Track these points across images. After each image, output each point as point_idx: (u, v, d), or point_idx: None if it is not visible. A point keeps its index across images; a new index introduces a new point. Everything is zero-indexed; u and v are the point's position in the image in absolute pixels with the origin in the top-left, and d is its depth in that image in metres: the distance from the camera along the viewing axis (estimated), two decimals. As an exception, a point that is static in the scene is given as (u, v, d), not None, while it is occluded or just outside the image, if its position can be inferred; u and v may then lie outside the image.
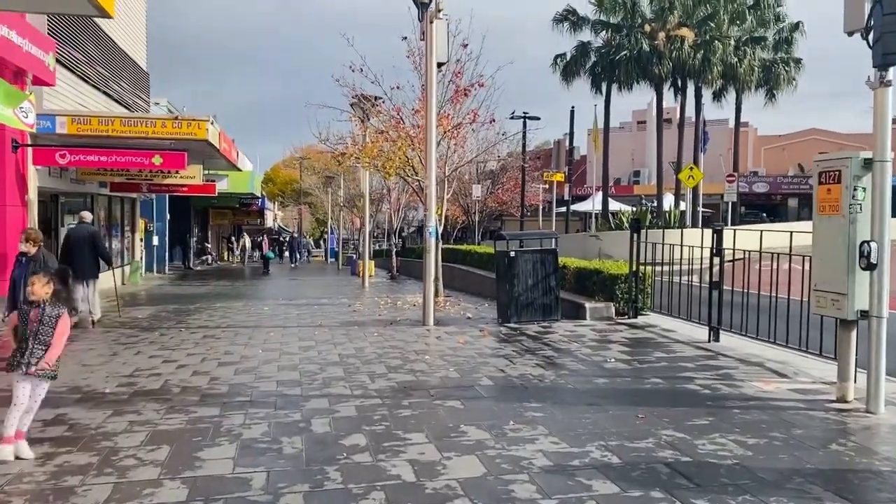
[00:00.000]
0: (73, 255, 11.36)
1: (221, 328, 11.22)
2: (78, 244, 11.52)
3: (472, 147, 16.84)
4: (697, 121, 32.80)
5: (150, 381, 7.26)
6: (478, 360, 7.99)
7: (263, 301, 15.98)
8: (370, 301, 15.63)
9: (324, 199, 43.51)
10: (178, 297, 17.27)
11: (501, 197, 38.32)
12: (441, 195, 15.80)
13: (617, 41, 30.99)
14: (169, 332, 10.92)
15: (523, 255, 10.70)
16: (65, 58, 15.14)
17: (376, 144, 15.22)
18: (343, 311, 13.37)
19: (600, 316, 10.81)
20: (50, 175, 15.29)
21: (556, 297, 10.80)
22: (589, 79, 32.88)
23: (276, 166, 75.02)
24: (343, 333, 10.23)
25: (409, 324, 11.22)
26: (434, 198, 11.04)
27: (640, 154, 51.39)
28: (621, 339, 9.16)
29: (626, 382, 6.82)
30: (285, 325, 11.37)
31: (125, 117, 14.18)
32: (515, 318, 10.65)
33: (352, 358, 8.25)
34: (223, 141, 17.50)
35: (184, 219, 34.93)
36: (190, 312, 13.65)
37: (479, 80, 14.91)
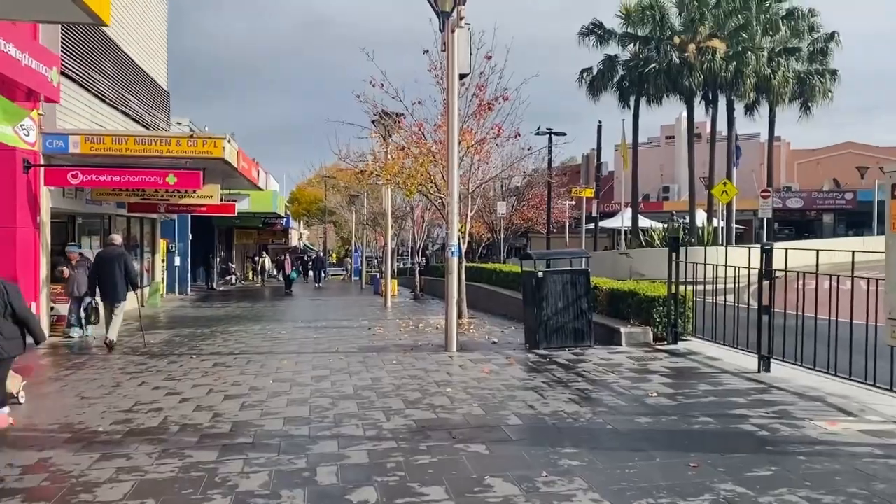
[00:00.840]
0: (103, 276, 11.52)
1: (234, 355, 10.66)
2: (108, 266, 11.54)
3: (496, 163, 16.24)
4: (730, 135, 31.84)
5: (148, 417, 6.68)
6: (504, 393, 7.30)
7: (282, 324, 15.43)
8: (391, 323, 15.00)
9: (348, 217, 43.18)
10: (196, 321, 16.80)
11: (527, 214, 37.56)
12: (464, 212, 15.18)
13: (645, 54, 30.22)
14: (179, 359, 10.38)
15: (552, 276, 10.00)
16: (80, 76, 14.86)
17: (397, 161, 14.66)
18: (362, 335, 12.75)
19: (637, 342, 10.05)
20: (64, 196, 14.94)
21: (589, 321, 10.07)
22: (616, 93, 32.09)
23: (302, 185, 75.14)
24: (360, 361, 9.60)
25: (431, 349, 10.56)
26: (456, 215, 10.41)
27: (670, 169, 50.40)
28: (662, 368, 8.40)
29: (672, 422, 6.08)
30: (300, 351, 10.77)
31: (139, 136, 13.81)
32: (544, 345, 9.94)
33: (367, 390, 7.60)
34: (242, 160, 17.09)
35: (207, 239, 34.72)
36: (204, 337, 13.13)
37: (504, 94, 14.30)
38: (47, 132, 13.27)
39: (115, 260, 11.61)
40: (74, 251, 13.07)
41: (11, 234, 12.31)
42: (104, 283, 11.56)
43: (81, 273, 12.79)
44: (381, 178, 15.15)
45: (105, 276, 11.51)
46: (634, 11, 30.46)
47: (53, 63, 11.10)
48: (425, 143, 14.47)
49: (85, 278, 12.72)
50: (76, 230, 17.15)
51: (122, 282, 11.60)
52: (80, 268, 12.87)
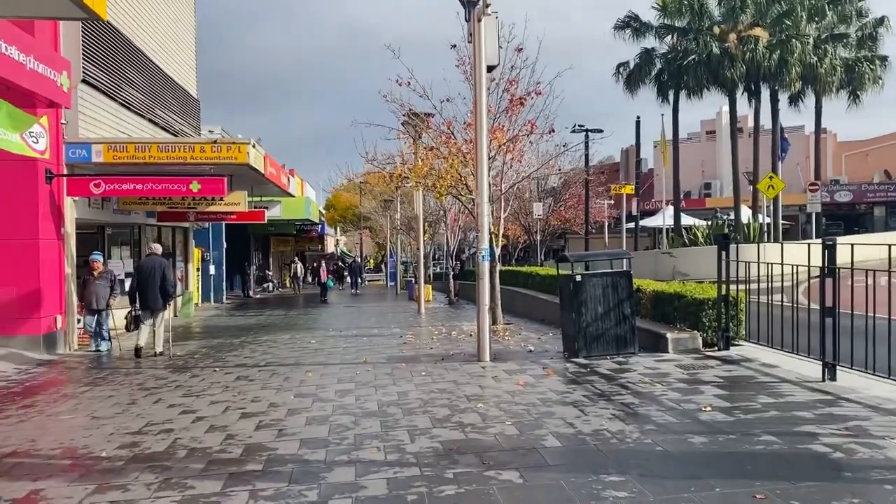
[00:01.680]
0: (143, 285, 11.68)
1: (259, 367, 10.21)
2: (149, 275, 11.69)
3: (530, 162, 15.57)
4: (774, 127, 30.57)
5: (156, 440, 6.21)
6: (541, 408, 6.66)
7: (313, 332, 14.99)
8: (423, 331, 14.44)
9: (382, 223, 42.87)
10: (226, 331, 16.47)
11: (564, 214, 36.74)
12: (497, 214, 14.57)
13: (684, 46, 29.12)
14: (202, 372, 9.96)
15: (591, 280, 9.33)
16: (103, 84, 14.66)
17: (426, 162, 14.11)
18: (392, 344, 12.21)
19: (684, 348, 9.31)
20: (90, 206, 14.76)
21: (632, 326, 9.37)
22: (654, 87, 31.03)
23: (337, 192, 75.15)
24: (387, 373, 9.05)
25: (463, 359, 9.96)
26: (487, 217, 9.81)
27: (711, 165, 48.97)
28: (714, 378, 7.67)
29: (730, 442, 5.38)
30: (327, 363, 10.27)
31: (162, 142, 13.52)
32: (584, 353, 9.26)
33: (392, 406, 7.03)
34: (269, 165, 16.74)
35: (242, 247, 34.70)
36: (232, 348, 12.74)
37: (536, 88, 13.66)
38: (70, 141, 13.08)
39: (156, 269, 11.76)
40: (98, 260, 12.68)
41: (34, 246, 12.10)
42: (145, 293, 11.68)
43: (102, 285, 12.44)
44: (409, 180, 14.62)
45: (146, 286, 11.64)
46: (671, 2, 29.44)
47: (63, 67, 10.81)
48: (455, 142, 13.89)
49: (105, 291, 12.39)
50: (105, 241, 17.00)
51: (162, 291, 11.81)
52: (102, 279, 12.50)
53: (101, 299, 12.40)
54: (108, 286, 12.46)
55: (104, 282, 12.46)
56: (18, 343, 11.94)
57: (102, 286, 12.41)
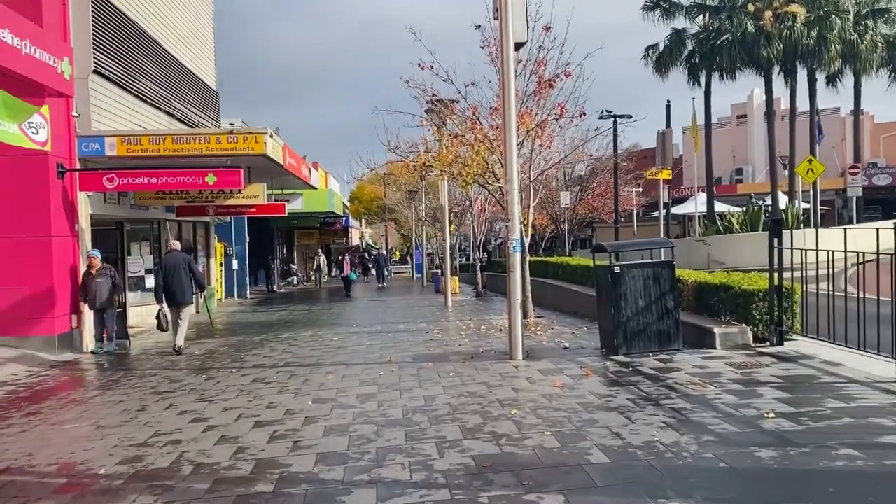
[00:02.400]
0: (170, 281, 11.67)
1: (277, 368, 9.69)
2: (174, 270, 11.70)
3: (558, 148, 14.86)
4: (812, 108, 29.34)
5: (162, 453, 5.68)
6: (583, 415, 6.02)
7: (335, 329, 14.46)
8: (451, 326, 13.84)
9: (408, 214, 42.35)
10: (247, 327, 16.03)
11: (592, 203, 35.90)
12: (526, 202, 13.89)
13: (716, 25, 28.04)
14: (219, 374, 9.47)
15: (631, 271, 8.63)
16: (117, 75, 14.22)
17: (451, 150, 13.46)
18: (419, 341, 11.63)
19: (733, 344, 8.60)
20: (106, 201, 14.36)
21: (676, 321, 8.66)
22: (685, 69, 29.97)
23: (362, 184, 74.75)
24: (413, 374, 8.46)
25: (494, 357, 9.33)
26: (517, 205, 9.15)
27: (742, 150, 47.67)
28: (772, 378, 6.96)
29: (804, 457, 4.70)
30: (349, 363, 9.71)
31: (177, 134, 13.04)
32: (624, 350, 8.59)
33: (418, 413, 6.44)
34: (289, 156, 16.22)
35: (266, 241, 34.34)
36: (252, 346, 12.26)
37: (566, 70, 12.93)
38: (82, 135, 12.66)
39: (181, 264, 11.81)
40: (96, 256, 12.04)
41: (46, 243, 11.69)
42: (172, 288, 11.67)
43: (103, 283, 11.86)
44: (433, 168, 13.99)
45: (172, 281, 11.64)
46: (703, -20, 28.32)
47: (64, 53, 10.31)
48: (481, 128, 13.23)
49: (106, 289, 11.86)
50: (125, 237, 16.64)
51: (189, 285, 11.86)
52: (101, 276, 11.89)
53: (102, 296, 11.85)
54: (109, 283, 11.93)
55: (104, 279, 11.89)
56: (32, 344, 11.57)
57: (103, 284, 11.85)
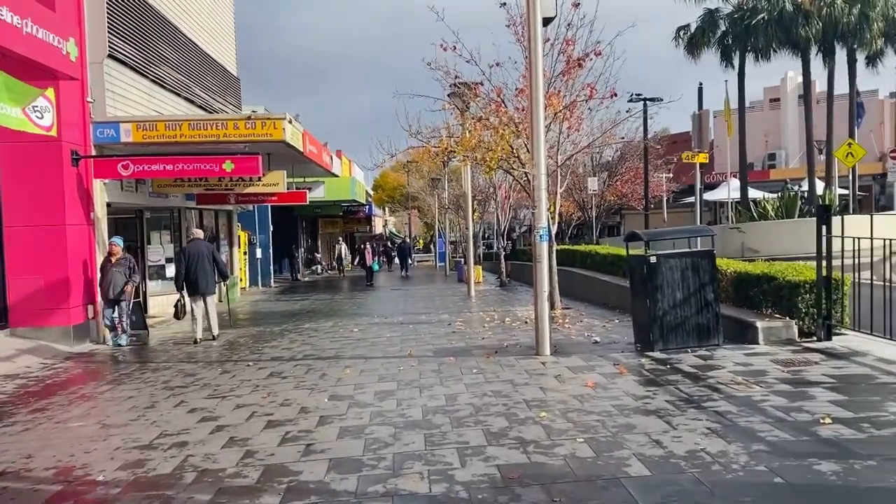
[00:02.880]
0: (193, 270, 11.51)
1: (295, 360, 9.33)
2: (198, 259, 11.56)
3: (587, 131, 14.26)
4: (852, 90, 28.21)
5: (166, 457, 5.32)
6: (618, 419, 5.54)
7: (356, 319, 14.08)
8: (474, 317, 13.38)
9: (430, 202, 41.88)
10: (268, 317, 15.73)
11: (620, 189, 35.03)
12: (553, 189, 13.32)
13: (752, 4, 27.02)
14: (235, 367, 9.13)
15: (668, 261, 8.09)
16: (134, 60, 13.90)
17: (474, 134, 12.94)
18: (441, 333, 11.20)
19: (777, 339, 8.03)
20: (123, 189, 14.10)
21: (716, 314, 8.12)
22: (718, 51, 28.98)
23: (386, 172, 74.43)
24: (434, 369, 8.02)
25: (519, 352, 8.87)
26: (545, 191, 8.64)
27: (775, 135, 46.37)
28: (823, 378, 6.40)
29: (871, 472, 4.17)
30: (368, 356, 9.31)
31: (193, 120, 12.69)
32: (660, 345, 8.07)
33: (439, 414, 6.00)
34: (308, 143, 15.83)
35: (290, 229, 34.14)
36: (271, 337, 11.93)
37: (596, 49, 12.33)
38: (97, 121, 12.36)
39: (204, 253, 11.68)
40: (118, 244, 11.72)
41: (61, 232, 11.43)
42: (194, 277, 11.54)
43: (119, 272, 11.53)
44: (456, 153, 13.50)
45: (196, 270, 11.50)
46: (737, -41, 27.28)
47: (70, 34, 9.95)
48: (505, 110, 12.70)
49: (122, 278, 11.52)
50: (144, 225, 16.42)
51: (212, 274, 11.75)
52: (120, 266, 11.56)
53: (117, 286, 11.53)
54: (125, 273, 11.60)
55: (121, 269, 11.55)
56: (49, 335, 11.33)
57: (120, 273, 11.53)
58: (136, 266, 11.90)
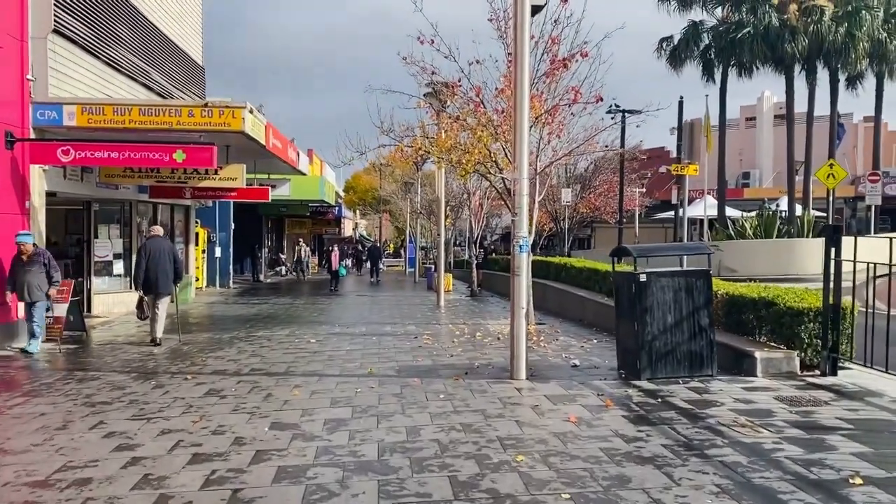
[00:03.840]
0: (153, 268, 10.99)
1: (240, 376, 8.33)
2: (160, 257, 11.04)
3: (568, 138, 13.44)
4: (833, 110, 27.90)
5: (59, 500, 4.33)
6: (609, 468, 4.67)
7: (316, 328, 13.08)
8: (443, 330, 12.48)
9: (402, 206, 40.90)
10: (220, 322, 14.66)
11: (594, 202, 34.54)
12: (532, 196, 12.49)
13: (738, 17, 26.55)
14: (171, 381, 8.10)
15: (660, 280, 7.29)
16: (84, 38, 12.80)
17: (450, 134, 12.06)
18: (405, 348, 10.27)
19: (776, 371, 7.27)
20: (67, 177, 12.95)
21: (710, 342, 7.33)
22: (700, 65, 28.52)
23: (358, 174, 73.33)
24: (395, 393, 7.10)
25: (492, 374, 7.98)
26: (526, 198, 7.80)
27: (750, 154, 46.38)
28: (838, 422, 5.61)
29: (933, 560, 3.36)
30: (322, 373, 8.35)
31: (144, 105, 11.64)
32: (648, 374, 7.25)
33: (398, 454, 5.08)
34: (273, 137, 14.81)
35: (254, 228, 32.90)
36: (219, 346, 10.90)
37: (582, 50, 11.56)
38: (37, 101, 11.27)
39: (165, 251, 11.19)
40: (28, 242, 10.33)
41: (-12, 221, 10.29)
42: (155, 277, 11.01)
43: (34, 271, 10.25)
44: (430, 154, 12.61)
45: (157, 268, 10.99)
46: (723, -31, 26.76)
47: None
48: (484, 111, 11.85)
49: (39, 278, 10.20)
50: (92, 217, 15.25)
51: (171, 274, 11.27)
52: (32, 265, 10.27)
53: (33, 289, 10.26)
54: (42, 272, 10.33)
55: (36, 267, 10.27)
56: (-31, 335, 10.18)
57: (35, 273, 10.26)
58: (53, 262, 10.54)
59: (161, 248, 11.19)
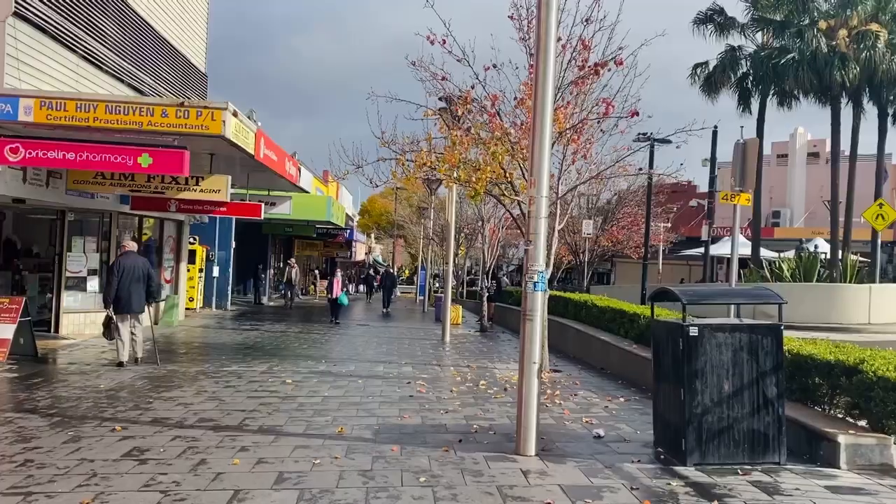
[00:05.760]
0: (127, 286, 10.55)
1: (181, 428, 6.70)
2: (134, 274, 10.62)
3: (596, 159, 11.83)
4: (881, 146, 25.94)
5: None
6: None
7: (298, 364, 11.42)
8: (443, 374, 10.78)
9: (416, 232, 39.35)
10: (196, 351, 13.09)
11: (616, 235, 32.81)
12: (552, 225, 10.83)
13: (781, 43, 24.86)
14: (93, 432, 6.51)
15: (716, 336, 5.60)
16: (56, 28, 11.46)
17: (459, 148, 10.46)
18: (394, 398, 8.59)
19: (867, 463, 5.53)
20: (27, 182, 11.52)
21: (778, 418, 5.61)
22: (735, 93, 26.87)
23: (373, 197, 72.13)
24: (364, 470, 5.42)
25: (492, 445, 6.28)
26: (544, 222, 6.17)
27: (781, 192, 44.45)
28: None
29: None
30: (282, 430, 6.69)
31: (111, 101, 10.14)
32: (697, 457, 5.53)
33: (339, 590, 3.41)
34: (265, 147, 13.28)
35: (258, 248, 31.47)
36: (179, 382, 9.30)
37: (616, 57, 9.98)
38: (-11, 92, 9.84)
39: (140, 269, 10.79)
40: None
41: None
42: (129, 295, 10.55)
43: None
44: (437, 171, 11.03)
45: (132, 286, 10.58)
46: (766, -7, 25.09)
47: None
48: (500, 123, 10.29)
49: None
50: (66, 229, 13.81)
51: (144, 293, 10.87)
52: None
53: None
54: None
55: None
56: None
57: None
58: None
59: (135, 264, 10.77)
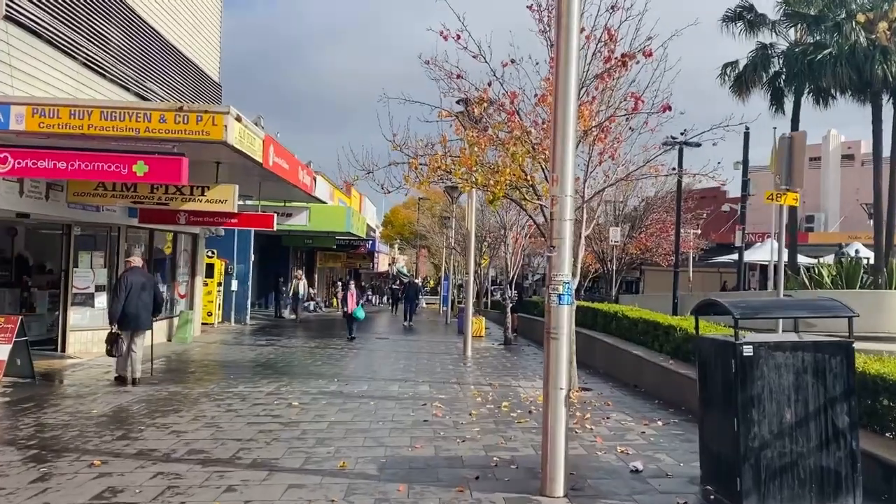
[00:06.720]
0: (135, 302, 10.35)
1: (167, 463, 6.01)
2: (140, 292, 10.43)
3: (624, 160, 11.00)
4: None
5: None
6: None
7: (309, 383, 10.71)
8: (462, 395, 9.98)
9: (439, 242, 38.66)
10: (205, 369, 12.46)
11: (645, 242, 31.81)
12: (578, 232, 10.00)
13: (815, 39, 23.78)
14: (69, 467, 5.86)
15: (774, 356, 4.76)
16: (54, 32, 10.99)
17: (475, 150, 9.71)
18: (406, 423, 7.82)
19: (962, 505, 4.64)
20: (24, 195, 11.01)
21: (852, 452, 4.75)
22: (767, 93, 25.80)
23: (396, 208, 71.73)
24: (364, 516, 4.67)
25: (514, 483, 5.48)
26: (569, 224, 5.40)
27: (814, 196, 43.01)
28: None
29: None
30: (277, 465, 5.96)
31: (107, 107, 9.59)
32: (755, 499, 4.68)
33: None
34: (275, 155, 12.67)
35: (279, 261, 30.97)
36: (178, 406, 8.64)
37: (645, 48, 9.19)
38: (-21, 100, 9.33)
39: (148, 285, 10.68)
40: None
41: None
42: (135, 312, 10.36)
43: None
44: (451, 175, 10.28)
45: (137, 304, 10.38)
46: (798, -13, 24.04)
47: None
48: (519, 122, 9.53)
49: None
50: (72, 243, 13.30)
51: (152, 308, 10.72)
52: None
53: None
54: None
55: None
56: None
57: None
58: None
59: (142, 280, 10.58)
